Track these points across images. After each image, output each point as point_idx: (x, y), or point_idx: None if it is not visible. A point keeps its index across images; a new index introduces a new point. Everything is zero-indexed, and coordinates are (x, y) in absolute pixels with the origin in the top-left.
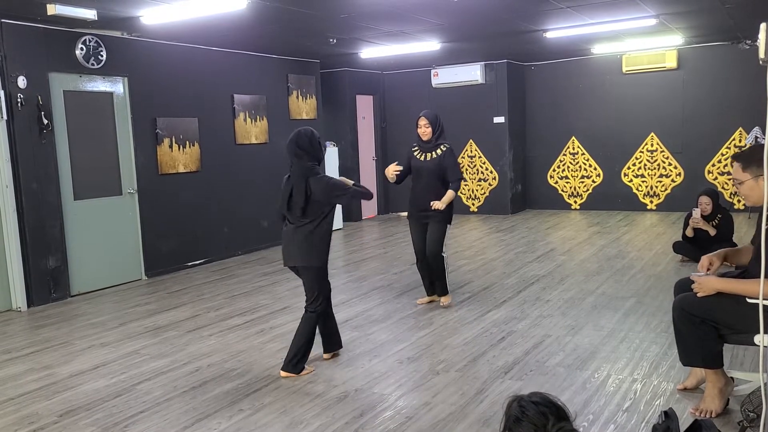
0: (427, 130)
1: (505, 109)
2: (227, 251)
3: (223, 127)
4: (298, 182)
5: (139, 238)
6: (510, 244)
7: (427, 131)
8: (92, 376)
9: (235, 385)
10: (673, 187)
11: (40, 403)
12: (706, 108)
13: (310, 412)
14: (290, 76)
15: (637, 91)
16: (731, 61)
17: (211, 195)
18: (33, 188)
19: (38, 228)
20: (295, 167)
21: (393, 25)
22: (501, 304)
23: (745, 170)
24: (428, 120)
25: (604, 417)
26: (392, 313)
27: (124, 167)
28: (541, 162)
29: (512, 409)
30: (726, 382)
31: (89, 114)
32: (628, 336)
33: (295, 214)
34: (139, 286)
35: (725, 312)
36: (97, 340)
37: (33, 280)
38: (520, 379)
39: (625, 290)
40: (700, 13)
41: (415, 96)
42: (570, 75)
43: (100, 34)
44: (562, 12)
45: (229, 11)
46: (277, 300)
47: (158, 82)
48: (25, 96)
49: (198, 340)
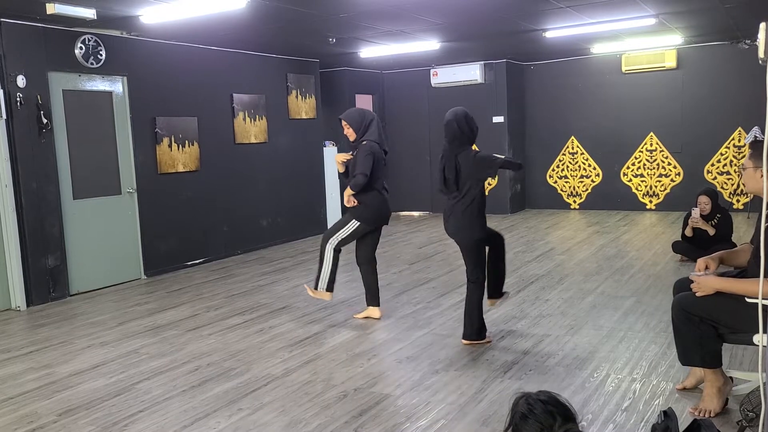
0: (348, 131)
1: (504, 108)
2: (227, 250)
3: (222, 126)
4: (449, 159)
5: (139, 237)
6: (509, 244)
7: (348, 132)
8: (91, 375)
9: (235, 385)
10: (673, 186)
11: (39, 402)
12: (706, 108)
13: (310, 411)
14: (289, 75)
15: (637, 90)
16: (731, 60)
17: (210, 194)
18: (32, 187)
19: (37, 227)
20: (448, 145)
21: (392, 24)
22: (500, 303)
23: (751, 158)
24: (346, 121)
25: (603, 416)
26: (391, 313)
27: (124, 166)
28: (540, 161)
29: (519, 405)
30: (725, 382)
31: (88, 113)
32: (627, 335)
33: (451, 189)
34: (138, 285)
35: (724, 311)
36: (96, 339)
37: (32, 279)
38: (519, 378)
39: (624, 290)
40: (699, 12)
41: (414, 95)
42: (569, 74)
43: (99, 34)
44: (562, 11)
45: (229, 10)
46: (277, 299)
47: (157, 82)
48: (25, 95)
49: (197, 340)
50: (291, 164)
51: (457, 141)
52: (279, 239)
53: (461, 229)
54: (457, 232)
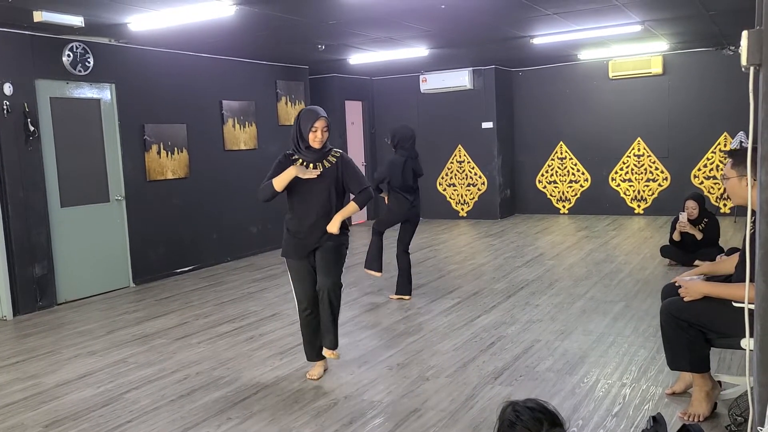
0: (325, 135)
1: (493, 114)
2: (216, 258)
3: (211, 133)
4: (413, 161)
5: (127, 245)
6: (499, 249)
7: (325, 136)
8: (79, 385)
9: (224, 393)
10: (660, 191)
11: (26, 413)
12: (692, 113)
13: (300, 420)
14: (279, 82)
15: (624, 96)
16: (716, 66)
17: (199, 201)
18: (19, 195)
19: (24, 235)
20: (412, 152)
21: (381, 31)
22: (490, 309)
23: (733, 167)
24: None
25: (593, 422)
26: (381, 320)
27: (112, 174)
28: (529, 167)
29: (506, 413)
30: (713, 386)
31: (76, 121)
32: (617, 340)
33: (415, 184)
34: (127, 293)
35: (712, 316)
36: (84, 348)
37: (19, 288)
38: (510, 384)
39: (613, 294)
40: (684, 19)
41: (403, 101)
42: (557, 80)
43: (87, 41)
44: (549, 18)
45: (217, 18)
46: (267, 307)
47: (146, 89)
48: (12, 103)
49: (186, 348)
50: None
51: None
52: (269, 246)
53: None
54: (419, 213)
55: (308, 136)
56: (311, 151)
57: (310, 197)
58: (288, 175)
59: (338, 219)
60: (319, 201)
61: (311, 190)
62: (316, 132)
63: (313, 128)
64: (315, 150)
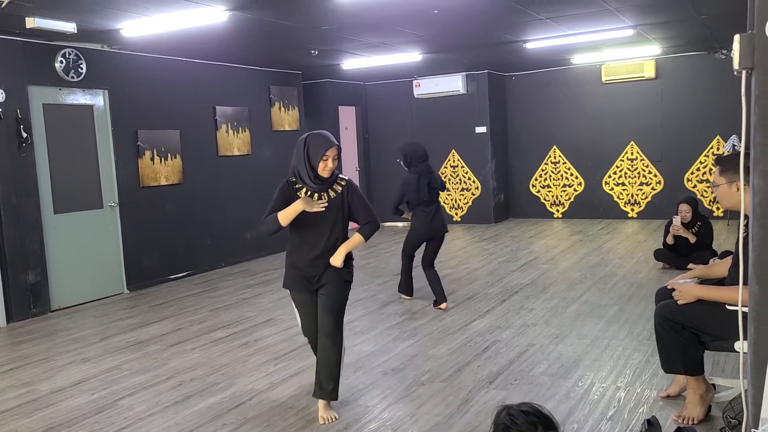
0: (335, 163)
1: (486, 119)
2: (210, 264)
3: (205, 139)
4: (428, 176)
5: (121, 251)
6: (493, 254)
7: (335, 164)
8: (73, 392)
9: (219, 399)
10: (654, 195)
11: (20, 420)
12: (685, 117)
13: (294, 426)
14: (272, 87)
15: (617, 100)
16: (708, 70)
17: (193, 207)
18: (12, 202)
19: (17, 242)
20: (425, 168)
21: (374, 36)
22: (485, 313)
23: (722, 174)
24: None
25: (588, 426)
26: (376, 324)
27: (105, 180)
28: (523, 171)
29: (501, 417)
30: (707, 389)
31: (69, 127)
32: (611, 344)
33: (433, 198)
34: (120, 300)
35: (706, 319)
36: (78, 355)
37: (12, 295)
38: (504, 388)
39: (607, 298)
40: (676, 23)
41: (397, 106)
42: (550, 85)
43: (80, 47)
44: (542, 23)
45: (210, 23)
46: (261, 312)
47: (139, 95)
48: (4, 109)
49: (181, 354)
50: (274, 176)
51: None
52: (263, 252)
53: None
54: (444, 226)
55: (318, 165)
56: (319, 180)
57: (315, 229)
58: (294, 210)
59: (342, 252)
60: (324, 233)
61: (316, 221)
62: (327, 161)
63: (324, 157)
64: (323, 179)
